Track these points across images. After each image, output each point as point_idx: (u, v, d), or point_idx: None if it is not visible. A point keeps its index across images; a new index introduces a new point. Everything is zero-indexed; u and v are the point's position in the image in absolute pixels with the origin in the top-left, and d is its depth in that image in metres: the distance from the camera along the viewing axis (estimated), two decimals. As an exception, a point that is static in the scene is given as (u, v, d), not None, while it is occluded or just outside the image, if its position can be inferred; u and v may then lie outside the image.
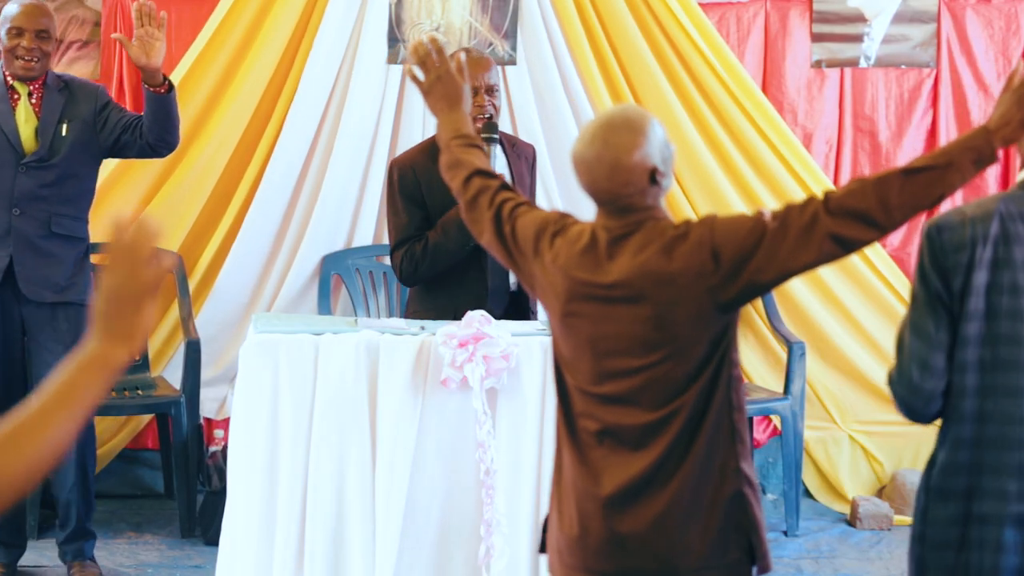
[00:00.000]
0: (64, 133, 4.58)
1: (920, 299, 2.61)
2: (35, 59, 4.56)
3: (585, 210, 2.82)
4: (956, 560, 2.61)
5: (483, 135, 4.31)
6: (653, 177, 2.69)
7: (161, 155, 4.72)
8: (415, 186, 4.38)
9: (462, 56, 3.15)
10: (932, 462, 2.66)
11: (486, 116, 4.35)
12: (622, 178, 2.68)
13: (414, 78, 3.13)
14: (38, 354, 4.61)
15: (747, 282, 2.63)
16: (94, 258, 4.75)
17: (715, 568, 2.71)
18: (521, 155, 4.58)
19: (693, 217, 2.81)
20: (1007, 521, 2.58)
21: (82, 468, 4.68)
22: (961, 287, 2.58)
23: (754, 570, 2.76)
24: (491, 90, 4.38)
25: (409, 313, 4.51)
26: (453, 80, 3.09)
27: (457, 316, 4.05)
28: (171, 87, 4.57)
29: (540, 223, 2.82)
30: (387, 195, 4.49)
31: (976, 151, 2.61)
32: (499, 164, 4.42)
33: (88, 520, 4.74)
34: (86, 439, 4.70)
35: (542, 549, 2.92)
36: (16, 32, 4.55)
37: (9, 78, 4.61)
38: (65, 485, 4.67)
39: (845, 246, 2.63)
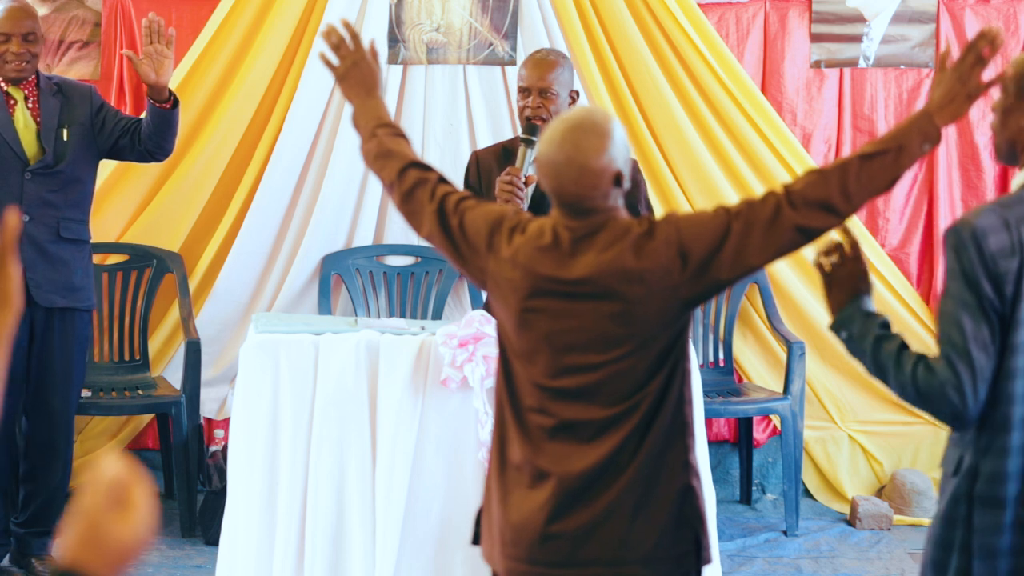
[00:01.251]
0: (66, 138, 4.60)
1: (972, 307, 2.53)
2: (25, 61, 4.56)
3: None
4: (1006, 566, 2.56)
5: (522, 136, 4.28)
6: (617, 180, 2.73)
7: (158, 160, 4.79)
8: (476, 177, 4.39)
9: (375, 41, 3.10)
10: (972, 471, 2.59)
11: (534, 118, 4.28)
12: (589, 182, 2.70)
13: (327, 63, 3.06)
14: (46, 360, 4.62)
15: (712, 280, 2.70)
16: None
17: (663, 560, 2.74)
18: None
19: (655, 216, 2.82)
20: None
21: (68, 463, 4.72)
22: (1012, 293, 2.54)
23: (700, 562, 2.79)
24: (544, 92, 4.27)
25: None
26: (369, 66, 3.04)
27: None
28: (176, 102, 4.62)
29: (494, 218, 2.81)
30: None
31: (923, 134, 2.71)
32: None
33: (59, 521, 4.77)
34: (71, 433, 4.74)
35: (475, 541, 2.92)
36: (3, 38, 4.54)
37: (2, 83, 4.61)
38: (50, 477, 4.69)
39: (808, 236, 2.70)
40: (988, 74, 2.76)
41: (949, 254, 2.57)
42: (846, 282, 2.73)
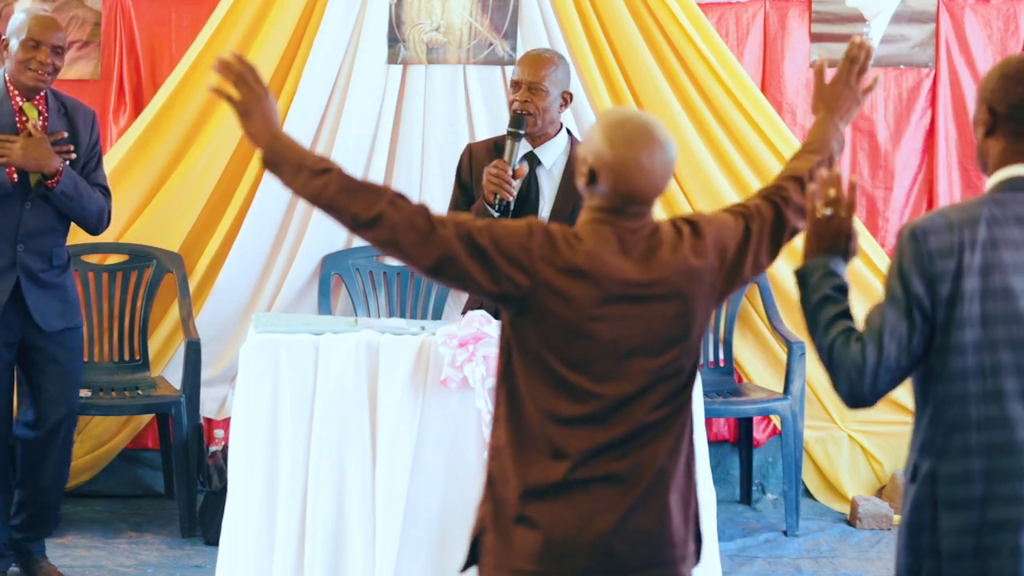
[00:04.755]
0: (68, 165, 4.50)
1: (899, 303, 2.60)
2: (47, 73, 4.46)
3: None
4: (973, 568, 2.58)
5: (509, 129, 4.28)
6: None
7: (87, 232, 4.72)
8: (467, 170, 4.43)
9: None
10: (931, 475, 2.61)
11: (521, 112, 4.28)
12: (669, 176, 2.78)
13: (224, 94, 2.76)
14: (43, 383, 4.59)
15: (739, 278, 2.84)
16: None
17: (688, 557, 2.81)
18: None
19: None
20: (1023, 526, 2.57)
21: (64, 471, 4.70)
22: (949, 294, 2.58)
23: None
24: (532, 87, 4.30)
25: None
26: (273, 103, 2.78)
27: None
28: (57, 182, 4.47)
29: (539, 229, 2.73)
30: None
31: (839, 141, 3.08)
32: (555, 170, 4.43)
33: (53, 522, 4.78)
34: (69, 444, 4.71)
35: (470, 564, 2.86)
36: (33, 44, 4.42)
37: (18, 98, 4.49)
38: (48, 487, 4.65)
39: (794, 236, 2.95)
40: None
41: (895, 253, 2.64)
42: (827, 236, 2.78)
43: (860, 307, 2.75)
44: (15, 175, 4.44)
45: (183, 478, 5.16)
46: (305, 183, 2.72)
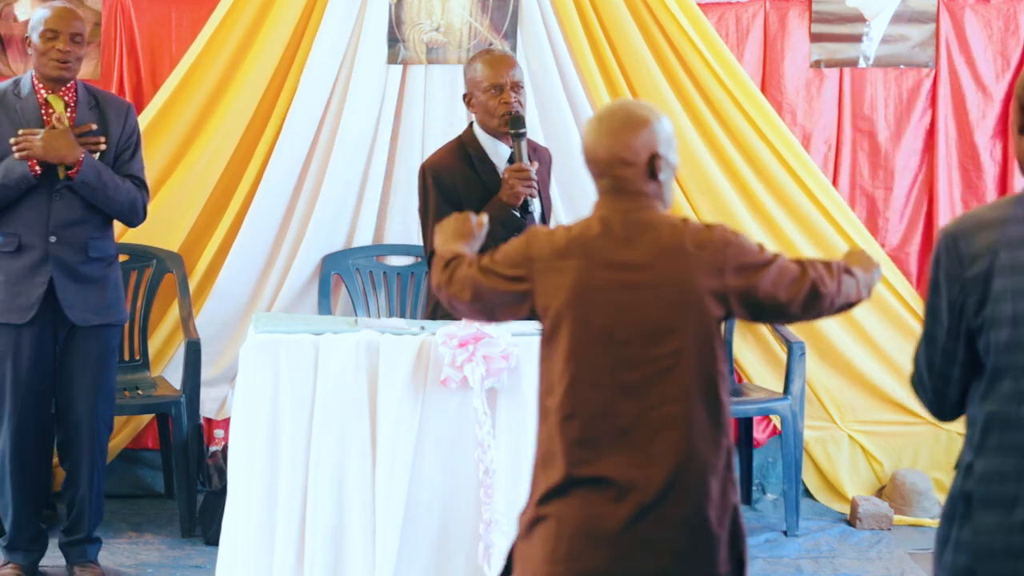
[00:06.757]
0: (97, 157, 4.49)
1: (935, 310, 2.59)
2: (70, 61, 4.48)
3: (584, 212, 2.84)
4: (1004, 568, 2.54)
5: (510, 131, 4.34)
6: (651, 164, 2.79)
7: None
8: (452, 189, 4.39)
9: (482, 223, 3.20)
10: (969, 468, 2.59)
11: (512, 112, 4.36)
12: (624, 141, 2.78)
13: None
14: (69, 378, 4.56)
15: (757, 292, 2.77)
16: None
17: None
18: (541, 160, 4.60)
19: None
20: None
21: (96, 473, 4.64)
22: (981, 295, 2.55)
23: None
24: (516, 87, 4.41)
25: (429, 312, 4.52)
26: (473, 233, 3.18)
27: None
28: (78, 172, 4.46)
29: (526, 237, 2.88)
30: (421, 199, 4.48)
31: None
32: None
33: (97, 526, 4.72)
34: (99, 444, 4.65)
35: (507, 573, 2.89)
36: (51, 35, 4.46)
37: (43, 91, 4.51)
38: (78, 486, 4.62)
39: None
40: None
41: (931, 259, 2.63)
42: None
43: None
44: (37, 167, 4.43)
45: (183, 478, 5.16)
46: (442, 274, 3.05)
